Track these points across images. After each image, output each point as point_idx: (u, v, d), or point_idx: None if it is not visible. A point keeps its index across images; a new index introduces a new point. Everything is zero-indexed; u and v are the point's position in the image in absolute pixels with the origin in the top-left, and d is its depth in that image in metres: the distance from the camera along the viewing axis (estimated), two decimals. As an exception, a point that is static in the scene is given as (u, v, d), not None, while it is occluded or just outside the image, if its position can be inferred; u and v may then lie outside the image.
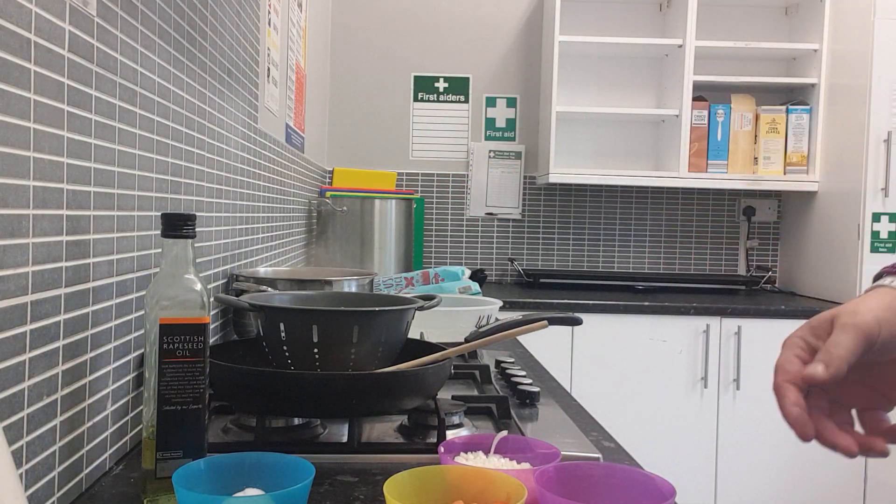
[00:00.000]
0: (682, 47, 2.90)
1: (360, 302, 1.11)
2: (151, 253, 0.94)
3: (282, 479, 0.67)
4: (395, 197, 2.78)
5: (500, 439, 0.78)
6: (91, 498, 0.75)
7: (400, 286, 2.24)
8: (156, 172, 0.96)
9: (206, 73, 1.20)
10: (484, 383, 1.22)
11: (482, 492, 0.65)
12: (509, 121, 3.22)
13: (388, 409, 0.92)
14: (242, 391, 0.89)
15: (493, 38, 3.21)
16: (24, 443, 0.64)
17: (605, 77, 3.19)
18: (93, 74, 0.76)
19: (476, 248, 3.22)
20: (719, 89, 3.05)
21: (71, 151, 0.71)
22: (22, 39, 0.62)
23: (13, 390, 0.62)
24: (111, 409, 0.83)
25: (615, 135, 3.21)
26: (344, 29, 3.18)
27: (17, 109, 0.61)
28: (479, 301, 1.68)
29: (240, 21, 1.46)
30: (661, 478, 0.65)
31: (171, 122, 1.02)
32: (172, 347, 0.71)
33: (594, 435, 1.01)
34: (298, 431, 0.96)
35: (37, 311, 0.65)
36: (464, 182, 3.21)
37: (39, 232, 0.66)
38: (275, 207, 1.91)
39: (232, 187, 1.40)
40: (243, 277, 1.42)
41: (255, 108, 1.63)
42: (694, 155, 2.95)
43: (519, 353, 1.60)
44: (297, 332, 0.94)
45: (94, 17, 0.76)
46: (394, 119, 3.20)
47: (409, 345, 1.06)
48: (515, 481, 0.65)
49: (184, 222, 0.72)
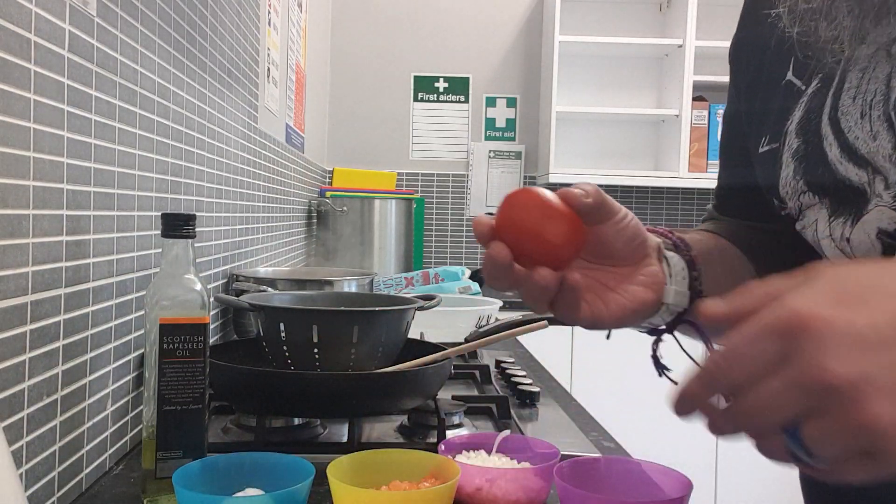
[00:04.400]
0: (682, 47, 2.90)
1: (360, 302, 1.11)
2: (151, 253, 0.94)
3: (282, 479, 0.67)
4: (395, 197, 2.78)
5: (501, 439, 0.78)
6: (91, 498, 0.75)
7: (400, 286, 2.24)
8: (156, 172, 0.96)
9: (206, 73, 1.20)
10: (484, 383, 1.22)
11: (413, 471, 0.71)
12: (509, 121, 3.22)
13: (388, 409, 0.92)
14: (242, 391, 0.89)
15: (493, 38, 3.21)
16: (24, 443, 0.64)
17: (605, 77, 3.19)
18: (93, 74, 0.76)
19: (476, 248, 3.22)
20: (719, 89, 3.05)
21: (71, 151, 0.71)
22: (22, 39, 0.62)
23: (13, 390, 0.62)
24: (111, 409, 0.83)
25: (615, 135, 3.21)
26: (344, 29, 3.18)
27: (17, 109, 0.61)
28: (479, 301, 1.68)
29: (240, 21, 1.46)
30: (677, 471, 0.65)
31: (171, 122, 1.02)
32: (172, 347, 0.71)
33: (594, 435, 1.01)
34: (298, 431, 0.96)
35: (37, 311, 0.65)
36: (464, 182, 3.21)
37: (39, 232, 0.66)
38: (275, 207, 1.91)
39: (232, 187, 1.40)
40: (243, 277, 1.42)
41: (255, 108, 1.63)
42: (694, 155, 2.95)
43: (519, 353, 1.60)
44: (297, 332, 0.94)
45: (94, 17, 0.76)
46: (394, 119, 3.20)
47: (409, 345, 1.06)
48: (442, 458, 0.70)
49: (184, 222, 0.72)
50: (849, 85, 0.60)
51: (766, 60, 0.71)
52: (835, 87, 0.61)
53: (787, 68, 0.67)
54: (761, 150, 0.69)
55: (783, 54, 0.68)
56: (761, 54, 0.72)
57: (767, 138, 0.68)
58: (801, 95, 0.65)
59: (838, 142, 0.60)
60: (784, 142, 0.66)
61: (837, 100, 0.61)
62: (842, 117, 0.60)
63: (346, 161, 3.18)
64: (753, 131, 0.72)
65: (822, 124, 0.62)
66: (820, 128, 0.62)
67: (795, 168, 0.64)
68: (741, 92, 0.76)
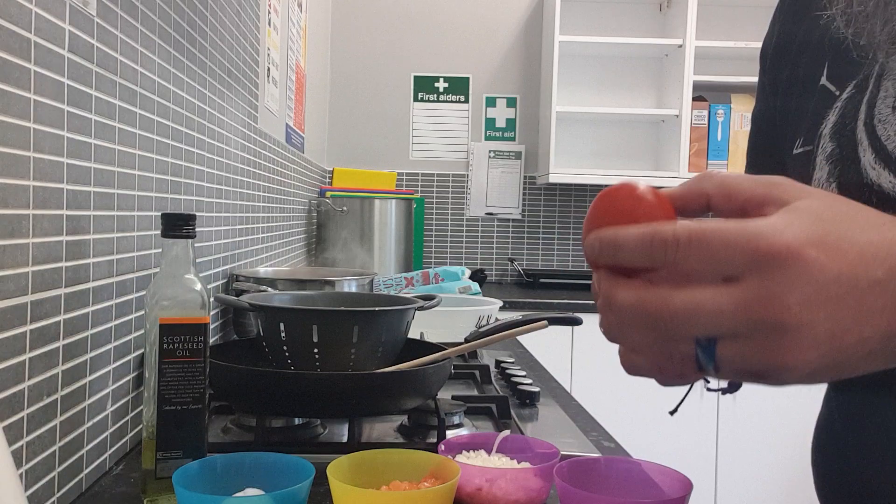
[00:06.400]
0: (682, 47, 2.90)
1: (360, 302, 1.11)
2: (151, 253, 0.94)
3: (282, 479, 0.67)
4: (395, 197, 2.78)
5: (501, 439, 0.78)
6: (91, 498, 0.75)
7: (400, 286, 2.24)
8: (156, 172, 0.96)
9: (206, 73, 1.20)
10: (484, 383, 1.22)
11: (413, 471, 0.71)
12: (509, 121, 3.22)
13: (388, 409, 0.92)
14: (242, 391, 0.89)
15: (493, 38, 3.21)
16: (24, 443, 0.64)
17: (605, 77, 3.19)
18: (93, 74, 0.76)
19: (476, 248, 3.22)
20: (719, 89, 3.05)
21: (71, 151, 0.71)
22: (22, 39, 0.62)
23: (13, 390, 0.62)
24: (111, 409, 0.83)
25: (615, 135, 3.21)
26: (344, 29, 3.18)
27: (17, 109, 0.61)
28: (479, 301, 1.68)
29: (240, 21, 1.46)
30: (677, 471, 0.65)
31: (171, 122, 1.02)
32: (172, 347, 0.71)
33: (594, 435, 1.01)
34: (298, 431, 0.96)
35: (37, 311, 0.65)
36: (464, 182, 3.21)
37: (39, 232, 0.66)
38: (275, 207, 1.91)
39: (232, 187, 1.40)
40: (243, 277, 1.42)
41: (255, 108, 1.63)
42: (694, 155, 2.95)
43: (519, 353, 1.60)
44: (297, 332, 0.94)
45: (94, 17, 0.76)
46: (394, 119, 3.20)
47: (409, 345, 1.06)
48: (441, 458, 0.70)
49: (184, 222, 0.72)
50: (885, 94, 0.61)
51: (801, 62, 0.71)
52: (869, 93, 0.62)
53: (822, 72, 0.68)
54: (796, 152, 0.70)
55: (819, 57, 0.68)
56: (797, 55, 0.72)
57: (802, 140, 0.69)
58: (836, 100, 0.65)
59: (873, 148, 0.61)
60: (818, 144, 0.66)
61: (872, 107, 0.61)
62: (878, 125, 0.61)
63: (346, 161, 3.18)
64: (789, 132, 0.72)
65: (857, 129, 0.62)
66: (855, 133, 0.63)
67: (830, 171, 0.65)
68: (776, 91, 0.76)
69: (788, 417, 2.55)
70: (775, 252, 0.39)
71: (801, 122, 0.70)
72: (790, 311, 0.38)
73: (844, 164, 0.63)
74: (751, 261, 0.39)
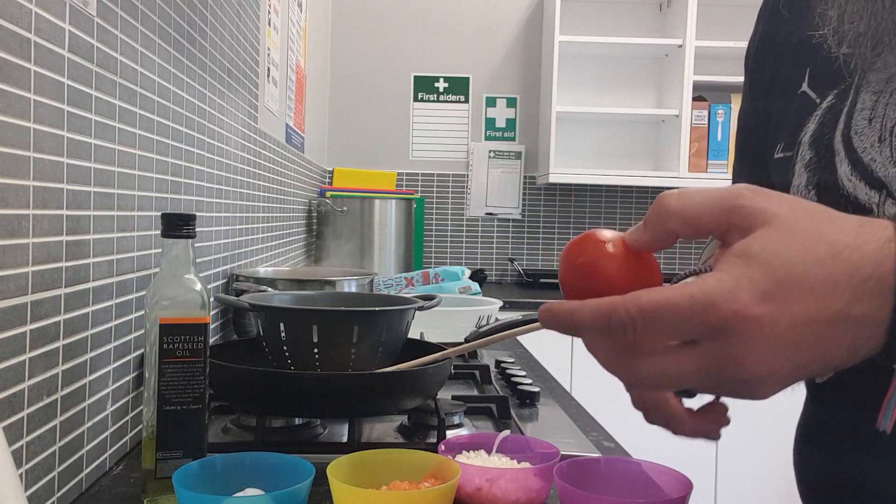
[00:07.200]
0: (682, 47, 2.90)
1: (360, 302, 1.11)
2: (151, 253, 0.94)
3: (282, 479, 0.67)
4: (395, 197, 2.78)
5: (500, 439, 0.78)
6: (91, 498, 0.75)
7: (400, 286, 2.24)
8: (156, 172, 0.96)
9: (206, 73, 1.20)
10: (484, 383, 1.22)
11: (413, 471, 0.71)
12: (509, 121, 3.22)
13: (388, 409, 0.92)
14: (242, 391, 0.89)
15: (493, 38, 3.21)
16: (24, 443, 0.64)
17: (605, 77, 3.19)
18: (93, 74, 0.76)
19: (476, 248, 3.22)
20: (719, 89, 3.05)
21: (71, 151, 0.71)
22: (22, 39, 0.62)
23: (13, 390, 0.62)
24: (111, 409, 0.83)
25: (615, 135, 3.21)
26: (344, 29, 3.18)
27: (17, 109, 0.61)
28: (479, 301, 1.68)
29: (240, 21, 1.46)
30: (677, 471, 0.65)
31: (171, 122, 1.02)
32: (172, 347, 0.71)
33: (594, 435, 1.01)
34: (298, 431, 0.96)
35: (37, 311, 0.65)
36: (464, 182, 3.21)
37: (39, 232, 0.66)
38: (275, 207, 1.91)
39: (232, 187, 1.40)
40: (243, 277, 1.42)
41: (255, 108, 1.63)
42: (694, 155, 2.95)
43: (519, 353, 1.60)
44: (297, 332, 0.94)
45: (94, 17, 0.76)
46: (394, 119, 3.20)
47: (409, 345, 1.06)
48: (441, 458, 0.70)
49: (184, 222, 0.72)
50: (861, 106, 0.61)
51: (783, 66, 0.71)
52: (848, 105, 0.62)
53: (803, 78, 0.68)
54: (776, 157, 0.70)
55: (800, 61, 0.68)
56: (779, 57, 0.72)
57: (782, 146, 0.69)
58: (816, 108, 0.65)
59: (849, 159, 0.61)
60: (798, 151, 0.66)
61: (850, 118, 0.61)
62: (855, 136, 0.61)
63: (346, 161, 3.18)
64: (770, 136, 0.72)
65: (834, 140, 0.63)
66: (833, 143, 0.63)
67: (808, 179, 0.65)
68: (758, 94, 0.76)
69: (788, 417, 2.55)
70: (725, 320, 0.39)
71: (782, 127, 0.70)
72: (749, 369, 0.40)
73: (822, 174, 0.64)
74: (705, 330, 0.40)
